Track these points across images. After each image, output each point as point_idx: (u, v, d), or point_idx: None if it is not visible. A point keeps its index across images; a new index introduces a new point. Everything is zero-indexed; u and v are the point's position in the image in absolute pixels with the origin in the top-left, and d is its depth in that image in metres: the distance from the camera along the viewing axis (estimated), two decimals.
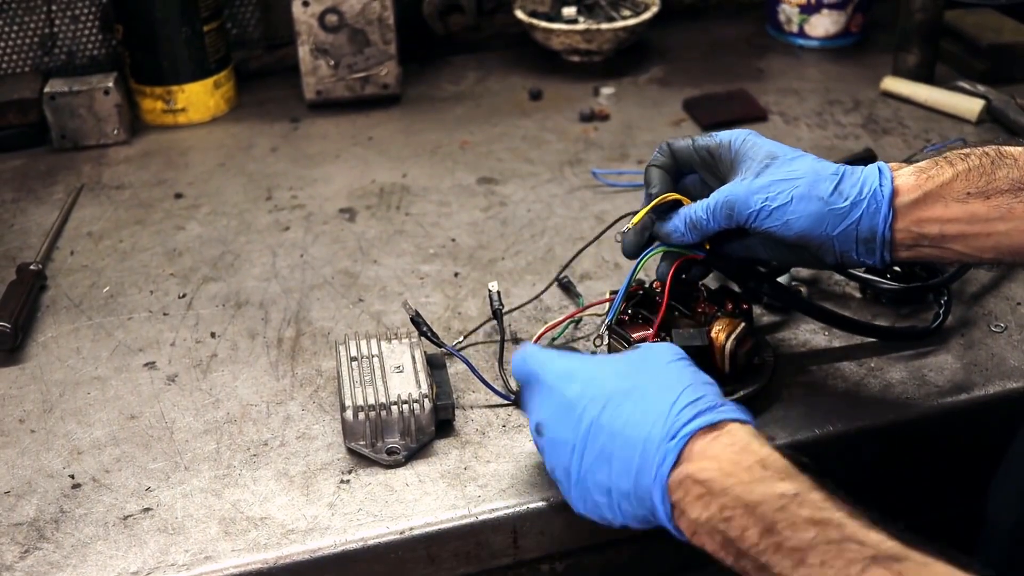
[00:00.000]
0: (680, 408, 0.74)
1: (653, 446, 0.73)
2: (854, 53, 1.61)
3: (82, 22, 1.51)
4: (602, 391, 0.77)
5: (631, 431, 0.74)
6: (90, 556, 0.82)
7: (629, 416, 0.75)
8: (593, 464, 0.76)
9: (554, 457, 0.79)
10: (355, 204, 1.28)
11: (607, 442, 0.75)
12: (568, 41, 1.56)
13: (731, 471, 0.70)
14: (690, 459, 0.72)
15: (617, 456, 0.74)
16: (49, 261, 1.19)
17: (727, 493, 0.69)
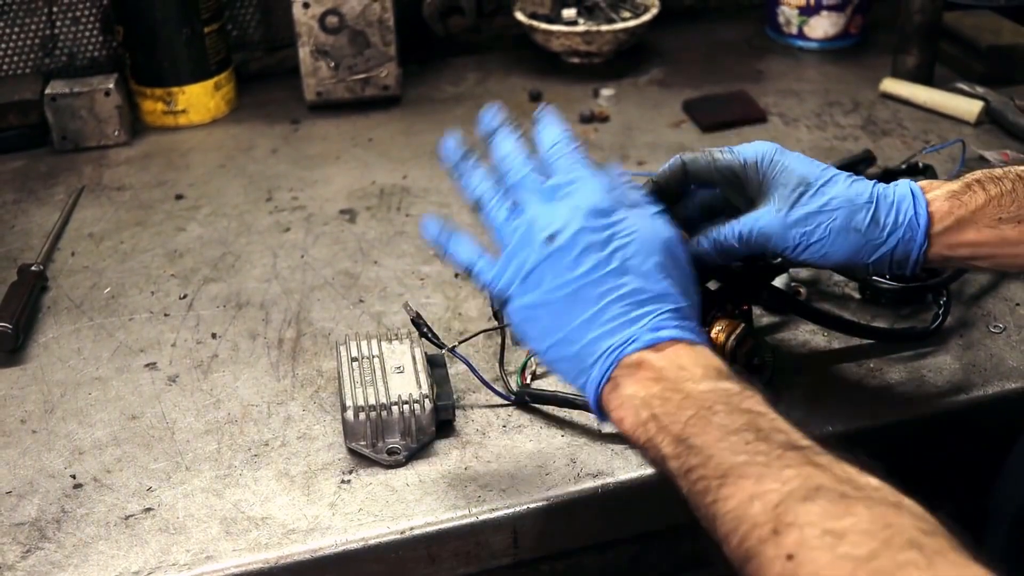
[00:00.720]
0: (663, 313, 0.74)
1: (625, 330, 0.73)
2: (853, 55, 1.62)
3: (83, 24, 1.51)
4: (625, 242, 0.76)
5: (617, 304, 0.74)
6: (91, 556, 0.82)
7: (613, 293, 0.75)
8: (567, 298, 0.75)
9: (550, 267, 0.76)
10: (355, 205, 1.28)
11: (592, 295, 0.75)
12: (568, 43, 1.56)
13: (687, 368, 0.71)
14: (657, 349, 0.72)
15: (592, 312, 0.74)
16: (50, 262, 1.19)
17: (675, 384, 0.70)
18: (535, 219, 0.78)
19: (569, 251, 0.76)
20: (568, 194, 0.79)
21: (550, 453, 0.90)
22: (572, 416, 0.94)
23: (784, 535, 0.60)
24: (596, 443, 0.91)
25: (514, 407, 0.95)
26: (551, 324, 0.76)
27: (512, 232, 0.79)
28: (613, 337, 0.73)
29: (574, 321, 0.75)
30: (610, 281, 0.75)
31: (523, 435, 0.92)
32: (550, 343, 0.76)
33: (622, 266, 0.75)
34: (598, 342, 0.74)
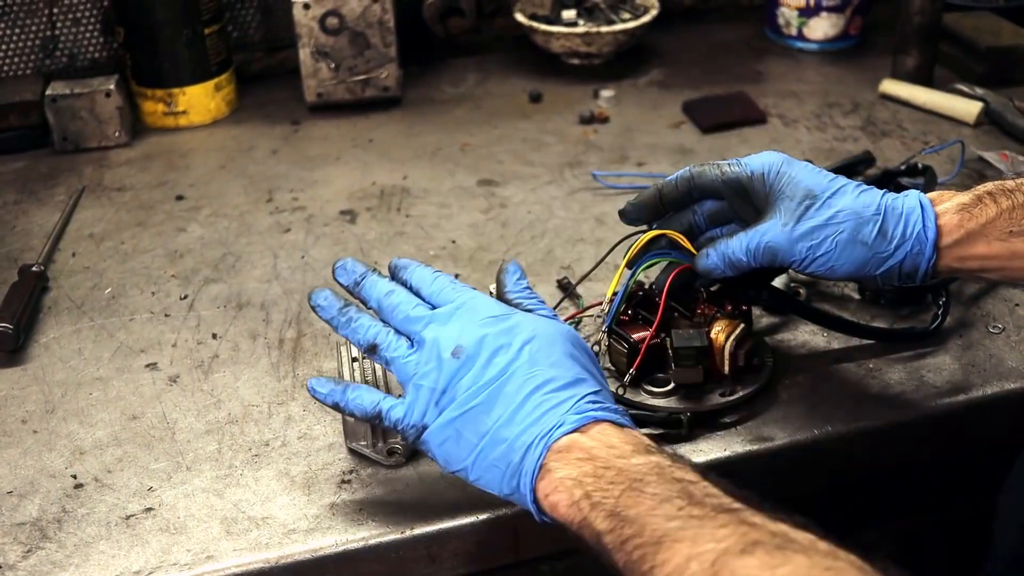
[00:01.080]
0: (591, 389, 0.76)
1: (549, 417, 0.74)
2: (853, 56, 1.62)
3: (83, 25, 1.51)
4: (521, 360, 0.77)
5: (534, 397, 0.75)
6: (92, 555, 0.82)
7: (531, 384, 0.75)
8: (485, 402, 0.76)
9: (462, 379, 0.77)
10: (356, 206, 1.28)
11: (510, 391, 0.75)
12: (568, 44, 1.56)
13: (617, 446, 0.72)
14: (584, 432, 0.73)
15: (513, 407, 0.75)
16: (51, 263, 1.19)
17: (606, 461, 0.71)
18: (436, 341, 0.78)
19: (476, 358, 0.77)
20: (461, 313, 0.80)
21: None
22: None
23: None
24: None
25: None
26: (473, 433, 0.76)
27: (415, 363, 0.79)
28: (538, 426, 0.74)
29: (496, 422, 0.75)
30: (524, 375, 0.75)
31: None
32: (475, 454, 0.76)
33: (532, 358, 0.76)
34: (524, 435, 0.74)
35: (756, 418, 0.93)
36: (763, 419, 0.93)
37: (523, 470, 0.74)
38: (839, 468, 0.95)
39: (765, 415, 0.93)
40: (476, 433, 0.76)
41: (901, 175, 1.22)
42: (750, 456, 0.90)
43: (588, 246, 1.18)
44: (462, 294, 0.82)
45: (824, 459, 0.93)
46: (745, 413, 0.93)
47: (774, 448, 0.91)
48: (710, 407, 0.92)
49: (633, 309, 0.96)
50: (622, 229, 1.20)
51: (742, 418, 0.93)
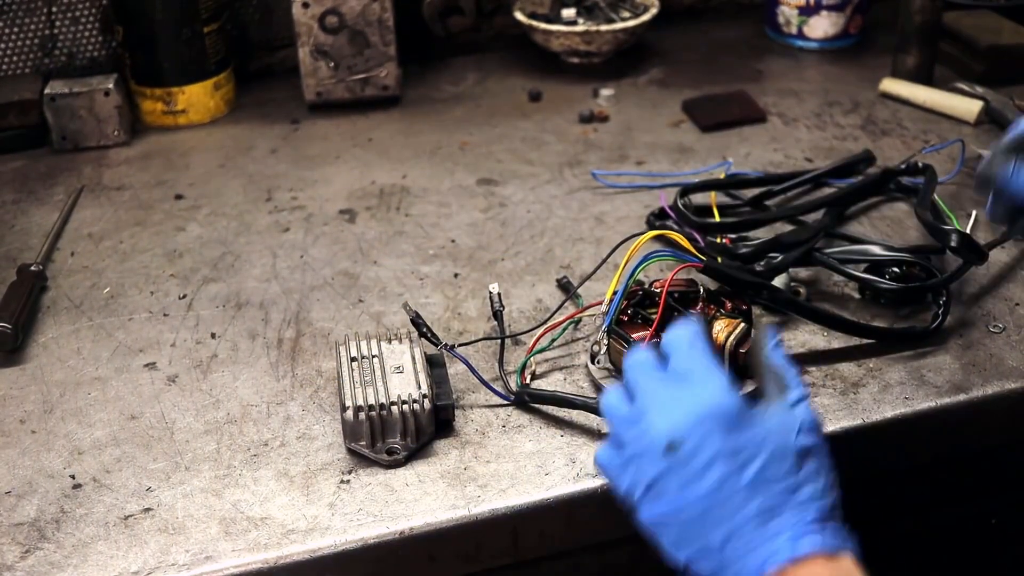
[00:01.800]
0: (801, 524, 0.71)
1: (763, 546, 0.70)
2: (853, 55, 1.62)
3: (82, 24, 1.51)
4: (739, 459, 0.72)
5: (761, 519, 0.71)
6: (91, 556, 0.82)
7: (743, 514, 0.71)
8: (695, 519, 0.71)
9: (674, 483, 0.72)
10: (355, 205, 1.28)
11: (721, 514, 0.71)
12: (567, 43, 1.56)
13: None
14: (796, 563, 0.69)
15: (726, 523, 0.71)
16: (50, 262, 1.19)
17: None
18: (650, 424, 0.73)
19: (692, 462, 0.71)
20: (687, 388, 0.74)
21: (550, 453, 0.90)
22: (572, 416, 0.94)
23: None
24: (596, 443, 0.91)
25: (513, 407, 0.95)
26: (683, 537, 0.72)
27: (630, 436, 0.74)
28: (752, 555, 0.70)
29: (708, 537, 0.71)
30: (741, 498, 0.70)
31: (523, 435, 0.92)
32: (687, 555, 0.72)
33: (754, 480, 0.71)
34: (737, 561, 0.70)
35: None
36: None
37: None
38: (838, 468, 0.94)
39: None
40: (687, 539, 0.72)
41: (901, 174, 1.22)
42: None
43: (588, 245, 1.18)
44: (694, 359, 0.75)
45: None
46: None
47: None
48: None
49: (633, 309, 0.96)
50: (622, 228, 1.20)
51: None
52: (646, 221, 1.20)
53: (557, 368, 1.00)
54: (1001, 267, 1.11)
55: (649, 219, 1.20)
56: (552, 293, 1.10)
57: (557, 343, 1.02)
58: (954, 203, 1.21)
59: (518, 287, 1.11)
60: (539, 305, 1.08)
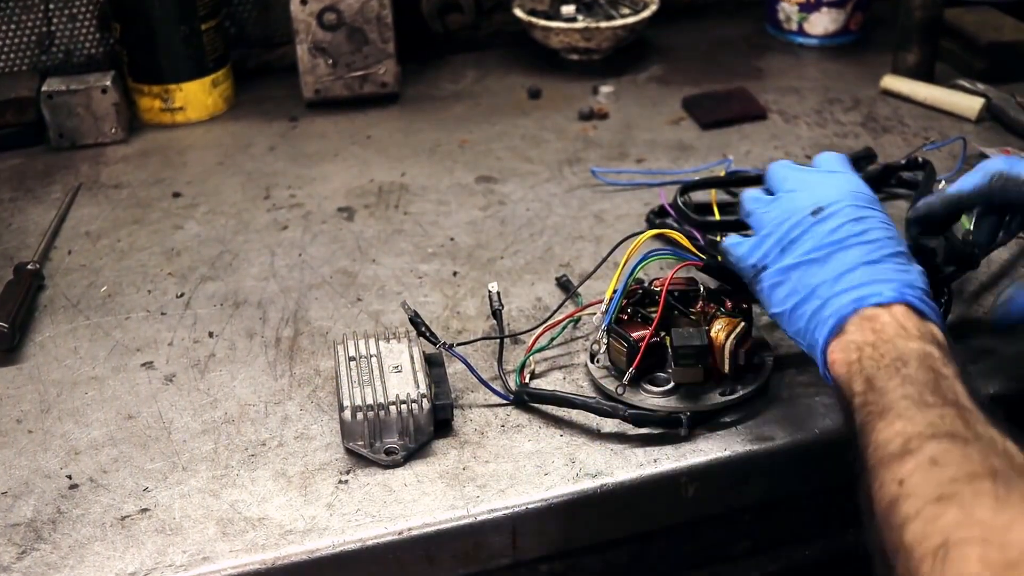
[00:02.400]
0: (914, 278, 0.83)
1: (869, 287, 0.82)
2: (853, 51, 1.61)
3: (80, 21, 1.51)
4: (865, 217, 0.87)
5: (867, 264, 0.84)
6: (87, 557, 0.82)
7: (867, 257, 0.84)
8: (821, 260, 0.85)
9: (811, 237, 0.86)
10: (354, 203, 1.28)
11: (846, 257, 0.84)
12: (567, 39, 1.55)
13: (906, 328, 0.79)
14: (888, 308, 0.80)
15: (842, 270, 0.83)
16: (47, 260, 1.19)
17: (890, 338, 0.78)
18: (798, 198, 0.88)
19: (831, 221, 0.85)
20: (830, 178, 0.90)
21: (549, 453, 0.90)
22: (571, 416, 0.93)
23: (904, 462, 0.68)
24: (595, 443, 0.90)
25: (513, 407, 0.95)
26: (801, 283, 0.85)
27: (774, 212, 0.89)
28: (858, 291, 0.81)
29: (824, 279, 0.83)
30: (863, 249, 0.84)
31: (522, 435, 0.92)
32: (796, 300, 0.85)
33: (877, 241, 0.84)
34: (842, 296, 0.82)
35: (756, 417, 0.93)
36: (763, 418, 0.92)
37: (826, 325, 0.82)
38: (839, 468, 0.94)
39: (765, 414, 0.93)
40: (803, 284, 0.84)
41: (902, 169, 1.22)
42: (750, 455, 0.90)
43: (587, 243, 1.17)
44: (837, 164, 0.93)
45: (824, 459, 0.92)
46: (745, 412, 0.93)
47: (774, 448, 0.90)
48: (710, 406, 0.92)
49: (632, 308, 0.96)
50: (621, 226, 1.20)
51: (742, 417, 0.92)
52: (646, 219, 1.20)
53: (556, 367, 0.99)
54: (1002, 264, 1.11)
55: (649, 217, 1.20)
56: (551, 292, 1.10)
57: (556, 342, 1.02)
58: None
59: (517, 286, 1.11)
60: (538, 304, 1.08)
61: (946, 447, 0.67)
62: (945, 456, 0.67)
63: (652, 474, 0.88)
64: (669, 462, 0.89)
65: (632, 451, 0.89)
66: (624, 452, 0.89)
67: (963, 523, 0.62)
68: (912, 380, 0.74)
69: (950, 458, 0.67)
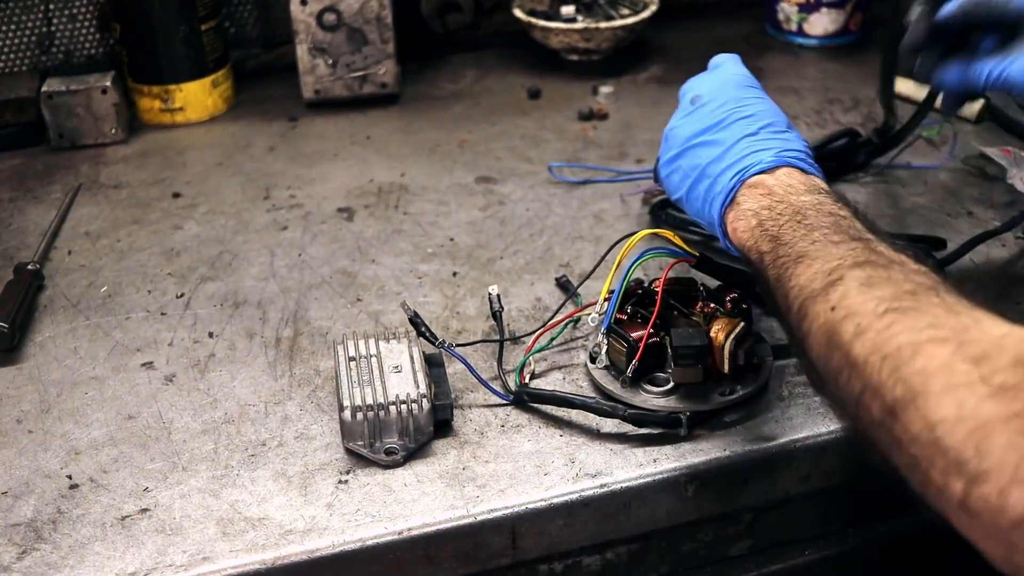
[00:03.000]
0: (792, 143, 0.91)
1: (749, 158, 0.89)
2: (853, 52, 1.61)
3: (79, 21, 1.51)
4: (731, 100, 0.95)
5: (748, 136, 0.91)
6: (88, 557, 0.82)
7: (744, 131, 0.91)
8: (704, 144, 0.92)
9: (690, 123, 0.94)
10: (353, 203, 1.28)
11: (726, 136, 0.91)
12: (567, 40, 1.55)
13: (794, 186, 0.86)
14: (772, 173, 0.87)
15: (724, 148, 0.91)
16: (47, 261, 1.19)
17: (782, 198, 0.85)
18: (686, 91, 0.98)
19: (709, 106, 0.93)
20: (712, 73, 1.00)
21: (548, 453, 0.90)
22: (571, 416, 0.93)
23: (831, 291, 0.72)
24: (595, 443, 0.91)
25: (512, 407, 0.95)
26: (690, 167, 0.92)
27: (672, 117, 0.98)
28: (741, 163, 0.88)
29: (708, 161, 0.91)
30: (741, 124, 0.91)
31: (521, 435, 0.92)
32: (689, 183, 0.92)
33: (753, 115, 0.92)
34: (727, 171, 0.89)
35: (756, 417, 0.93)
36: (763, 418, 0.92)
37: (718, 200, 0.89)
38: (839, 468, 0.94)
39: (765, 414, 0.93)
40: (692, 167, 0.92)
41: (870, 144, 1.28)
42: (750, 456, 0.90)
43: (587, 243, 1.17)
44: (723, 58, 1.03)
45: (825, 459, 0.93)
46: (745, 412, 0.93)
47: (774, 448, 0.90)
48: (710, 406, 0.92)
49: (632, 308, 0.96)
50: (621, 226, 1.20)
51: (742, 417, 0.93)
52: (649, 211, 1.22)
53: (556, 367, 0.99)
54: (1001, 263, 1.11)
55: (653, 209, 1.21)
56: (551, 292, 1.10)
57: (556, 342, 1.02)
58: (948, 195, 1.22)
59: (517, 286, 1.11)
60: (538, 304, 1.08)
61: (869, 272, 0.71)
62: (873, 279, 0.70)
63: (652, 474, 0.88)
64: (669, 462, 0.89)
65: (632, 451, 0.90)
66: (624, 452, 0.89)
67: (924, 327, 0.64)
68: (814, 227, 0.79)
69: (878, 280, 0.70)
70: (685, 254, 0.96)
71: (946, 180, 1.26)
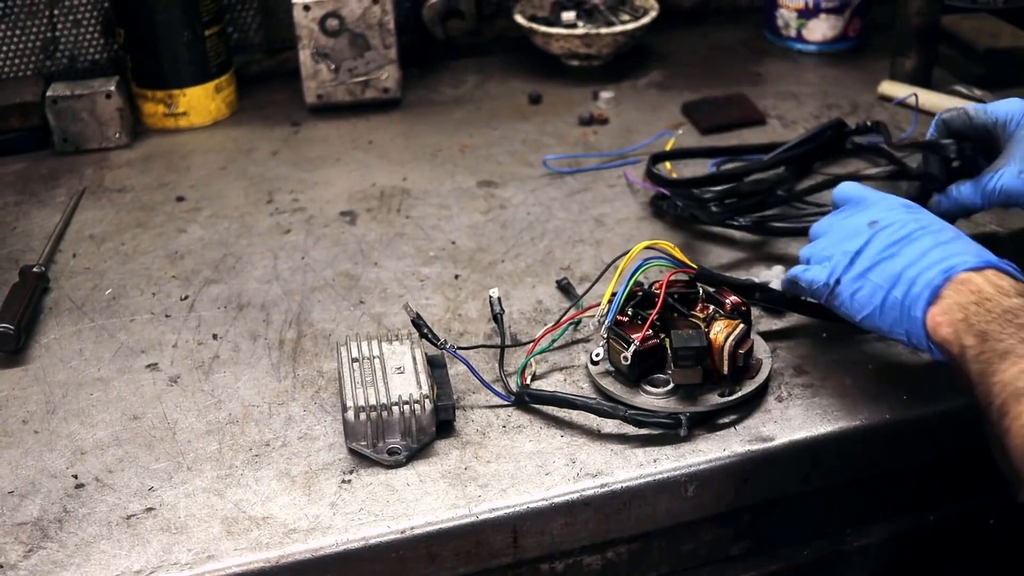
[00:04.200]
0: (989, 253, 0.88)
1: (953, 259, 0.86)
2: (852, 57, 1.62)
3: (84, 26, 1.52)
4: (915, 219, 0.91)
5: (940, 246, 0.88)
6: (94, 555, 0.83)
7: (939, 239, 0.88)
8: (896, 254, 0.88)
9: (876, 242, 0.90)
10: (356, 207, 1.29)
11: (919, 245, 0.88)
12: (567, 45, 1.57)
13: (1004, 288, 0.83)
14: (980, 272, 0.85)
15: (920, 252, 0.88)
16: (52, 264, 1.20)
17: (991, 296, 0.82)
18: (849, 219, 0.94)
19: (890, 227, 0.90)
20: (875, 201, 0.95)
21: (550, 453, 0.91)
22: (571, 416, 0.94)
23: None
24: (595, 443, 0.91)
25: (514, 408, 0.96)
26: (882, 277, 0.88)
27: (833, 234, 0.94)
28: (944, 263, 0.85)
29: (904, 267, 0.87)
30: (933, 235, 0.88)
31: (523, 435, 0.93)
32: (883, 293, 0.88)
33: (942, 229, 0.89)
34: (927, 271, 0.86)
35: (755, 418, 0.94)
36: (762, 419, 0.93)
37: (921, 299, 0.85)
38: (838, 468, 0.95)
39: (764, 415, 0.94)
40: (886, 277, 0.88)
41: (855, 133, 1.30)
42: (749, 456, 0.91)
43: (587, 247, 1.18)
44: (869, 193, 0.97)
45: (823, 459, 0.93)
46: (744, 413, 0.94)
47: (773, 448, 0.91)
48: (709, 407, 0.93)
49: (633, 310, 0.97)
50: (622, 230, 1.21)
51: (741, 418, 0.93)
52: (650, 202, 1.25)
53: (557, 369, 1.00)
54: None
55: (654, 200, 1.24)
56: (552, 294, 1.11)
57: (557, 344, 1.02)
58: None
59: (518, 288, 1.12)
60: (539, 306, 1.09)
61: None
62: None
63: (652, 474, 0.89)
64: (669, 462, 0.89)
65: (632, 451, 0.90)
66: (624, 452, 0.90)
67: None
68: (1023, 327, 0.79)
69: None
70: (684, 266, 0.97)
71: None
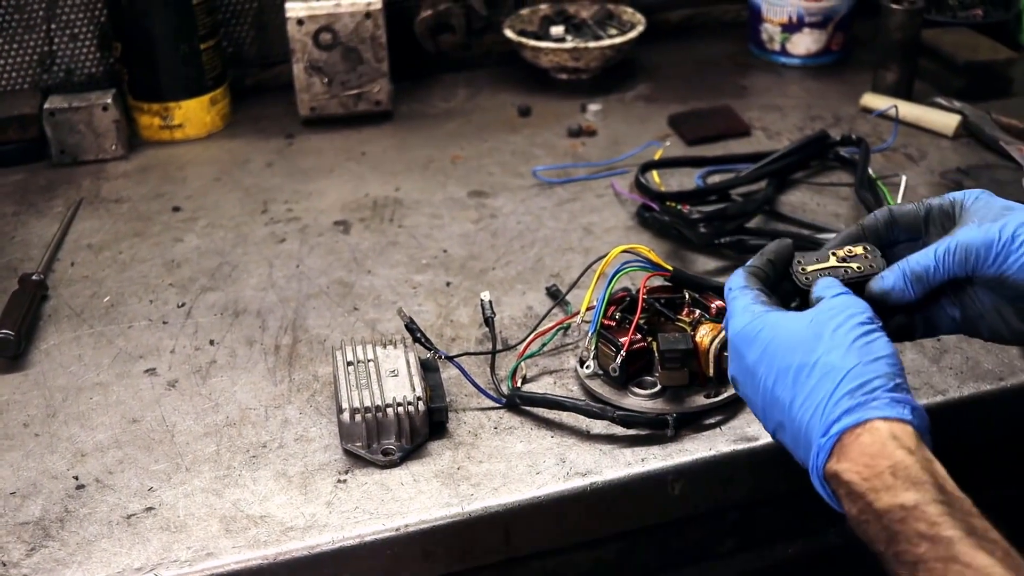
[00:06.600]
0: (837, 399, 0.74)
1: (812, 437, 0.75)
2: (835, 71, 1.65)
3: (81, 40, 1.54)
4: (775, 363, 0.77)
5: (796, 413, 0.76)
6: (95, 553, 0.84)
7: (794, 397, 0.76)
8: (774, 430, 0.79)
9: (750, 404, 0.81)
10: (349, 217, 1.31)
11: (780, 415, 0.77)
12: (556, 59, 1.59)
13: (867, 476, 0.71)
14: (839, 454, 0.73)
15: (789, 431, 0.77)
16: (50, 272, 1.21)
17: (863, 498, 0.71)
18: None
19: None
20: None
21: (540, 453, 0.93)
22: (561, 418, 0.96)
23: None
24: (584, 443, 0.94)
25: (505, 409, 0.98)
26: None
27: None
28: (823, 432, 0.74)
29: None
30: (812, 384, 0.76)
31: (514, 436, 0.95)
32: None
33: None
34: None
35: (739, 418, 0.96)
36: (746, 419, 0.95)
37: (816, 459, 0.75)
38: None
39: (748, 416, 0.96)
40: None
41: (838, 144, 1.35)
42: (734, 455, 0.93)
43: (576, 255, 1.21)
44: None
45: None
46: (729, 414, 0.96)
47: (757, 448, 0.93)
48: (695, 408, 0.95)
49: (620, 314, 0.99)
50: (610, 238, 1.23)
51: (727, 419, 0.96)
52: (637, 213, 1.27)
53: (547, 372, 1.02)
54: None
55: (639, 211, 1.26)
56: (542, 301, 1.13)
57: (546, 348, 1.05)
58: (888, 165, 1.35)
59: (509, 295, 1.14)
60: (529, 312, 1.11)
61: None
62: None
63: (640, 473, 0.91)
64: (656, 462, 0.92)
65: (620, 451, 0.93)
66: (613, 452, 0.93)
67: None
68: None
69: None
70: (660, 268, 0.99)
71: (925, 194, 1.30)
